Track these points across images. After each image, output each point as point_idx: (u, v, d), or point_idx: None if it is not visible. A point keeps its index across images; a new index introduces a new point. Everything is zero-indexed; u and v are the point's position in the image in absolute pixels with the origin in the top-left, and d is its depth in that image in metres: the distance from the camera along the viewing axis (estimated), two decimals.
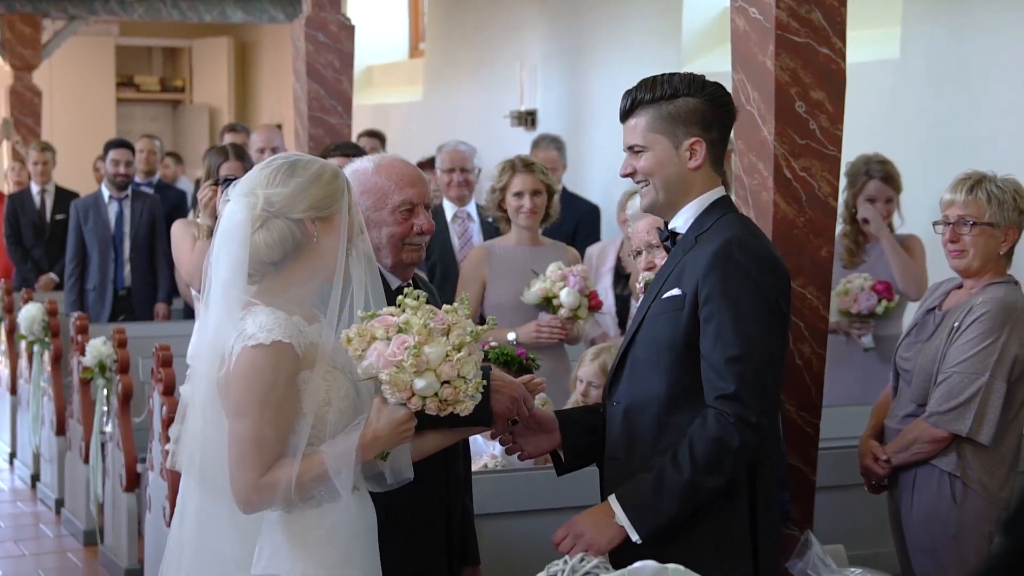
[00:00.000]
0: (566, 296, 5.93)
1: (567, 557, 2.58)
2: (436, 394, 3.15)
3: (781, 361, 3.57)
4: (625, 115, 3.62)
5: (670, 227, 3.64)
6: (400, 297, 3.22)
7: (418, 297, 3.21)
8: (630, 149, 3.61)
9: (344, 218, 3.29)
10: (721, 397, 3.40)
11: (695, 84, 3.56)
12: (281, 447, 3.15)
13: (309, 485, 3.16)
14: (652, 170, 3.57)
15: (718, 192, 3.61)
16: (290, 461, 3.14)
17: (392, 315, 3.19)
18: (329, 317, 3.26)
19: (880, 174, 6.71)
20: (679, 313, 3.48)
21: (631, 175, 3.62)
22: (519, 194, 6.15)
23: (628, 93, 3.61)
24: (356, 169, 3.81)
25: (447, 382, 3.15)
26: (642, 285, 5.51)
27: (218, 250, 3.26)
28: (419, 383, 3.12)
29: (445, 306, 3.22)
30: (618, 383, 3.63)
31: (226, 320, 3.21)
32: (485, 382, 3.24)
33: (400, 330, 3.15)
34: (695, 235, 3.55)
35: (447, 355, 3.14)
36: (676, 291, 3.50)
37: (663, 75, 3.58)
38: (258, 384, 3.12)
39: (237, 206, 3.25)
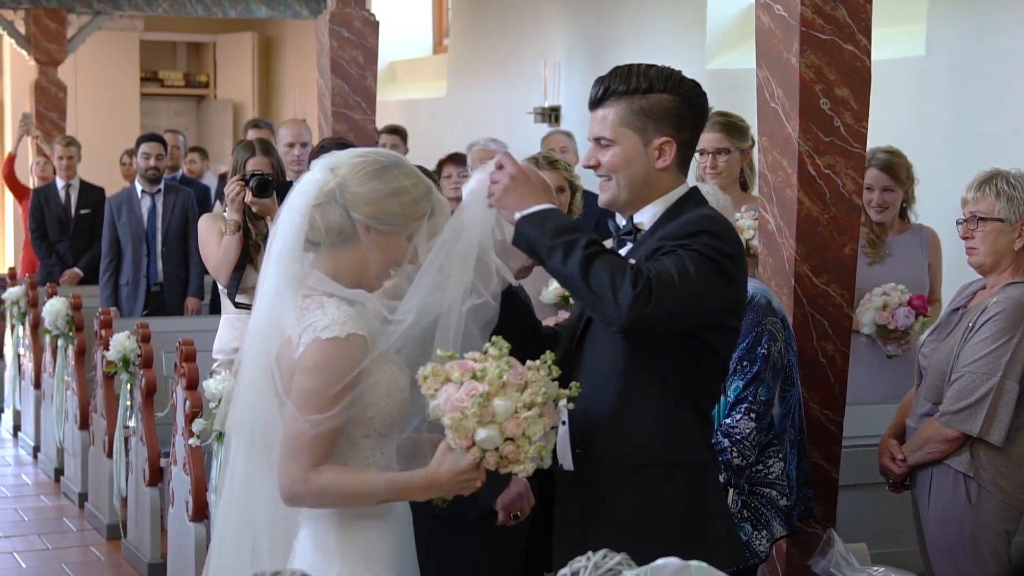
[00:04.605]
0: None
1: (590, 553, 2.57)
2: (497, 449, 3.02)
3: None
4: (595, 104, 3.41)
5: (635, 221, 3.42)
6: (487, 344, 3.10)
7: (501, 348, 3.07)
8: (596, 141, 3.41)
9: (402, 243, 3.21)
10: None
11: (672, 80, 3.36)
12: (335, 441, 3.11)
13: (349, 501, 3.13)
14: (617, 166, 3.38)
15: (685, 187, 3.43)
16: (339, 469, 3.11)
17: (475, 360, 3.07)
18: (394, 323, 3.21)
19: (879, 163, 6.03)
20: None
21: (594, 167, 3.42)
22: None
23: (600, 81, 3.41)
24: None
25: (511, 439, 3.01)
26: None
27: (281, 219, 3.22)
28: (481, 433, 3.00)
29: (529, 362, 3.07)
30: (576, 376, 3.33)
31: (283, 289, 3.16)
32: (549, 447, 3.08)
33: (475, 377, 3.03)
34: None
35: (516, 411, 3.01)
36: None
37: (639, 66, 3.39)
38: (328, 378, 3.07)
39: (311, 178, 3.20)
